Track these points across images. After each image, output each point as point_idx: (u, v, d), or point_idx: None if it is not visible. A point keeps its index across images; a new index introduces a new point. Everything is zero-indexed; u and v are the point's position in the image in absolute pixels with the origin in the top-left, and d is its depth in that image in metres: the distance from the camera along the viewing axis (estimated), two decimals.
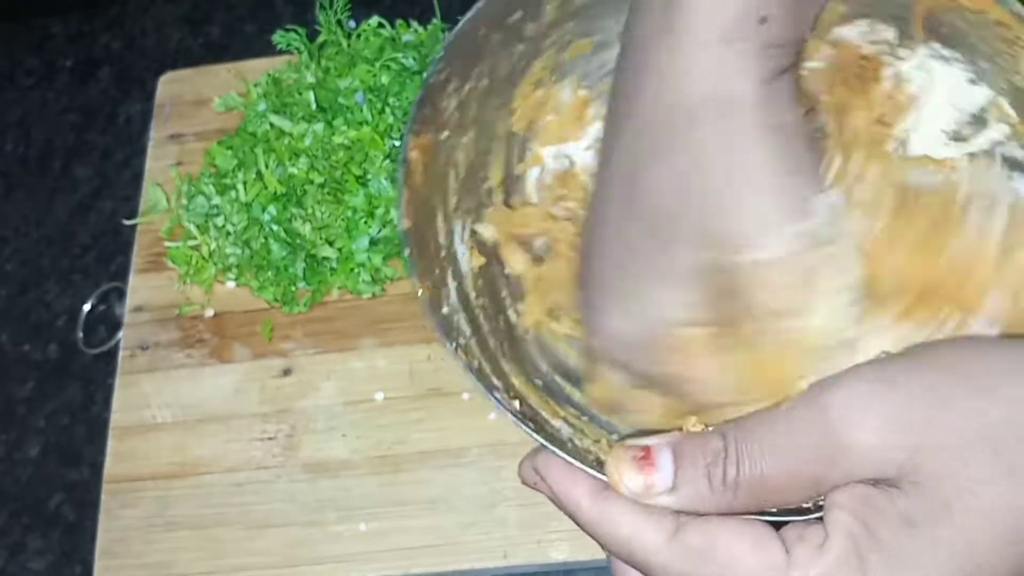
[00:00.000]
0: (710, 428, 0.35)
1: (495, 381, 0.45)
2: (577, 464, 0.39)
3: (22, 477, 0.72)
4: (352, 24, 0.82)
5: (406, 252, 0.45)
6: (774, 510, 0.33)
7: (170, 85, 0.80)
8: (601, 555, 0.60)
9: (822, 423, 0.31)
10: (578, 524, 0.36)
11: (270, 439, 0.66)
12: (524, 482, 0.40)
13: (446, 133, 0.48)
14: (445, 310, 0.47)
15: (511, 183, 0.52)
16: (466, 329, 0.48)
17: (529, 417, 0.46)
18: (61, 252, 0.80)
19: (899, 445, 0.30)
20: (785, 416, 0.31)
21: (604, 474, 0.35)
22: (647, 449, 0.33)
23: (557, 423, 0.47)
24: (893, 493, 0.30)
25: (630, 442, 0.34)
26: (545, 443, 0.41)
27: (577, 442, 0.47)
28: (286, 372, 0.68)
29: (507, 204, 0.51)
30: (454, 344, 0.44)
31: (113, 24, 0.91)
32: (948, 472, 0.29)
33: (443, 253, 0.49)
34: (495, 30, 0.48)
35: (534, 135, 0.52)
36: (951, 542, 0.29)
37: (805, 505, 0.33)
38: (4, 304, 0.79)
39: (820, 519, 0.32)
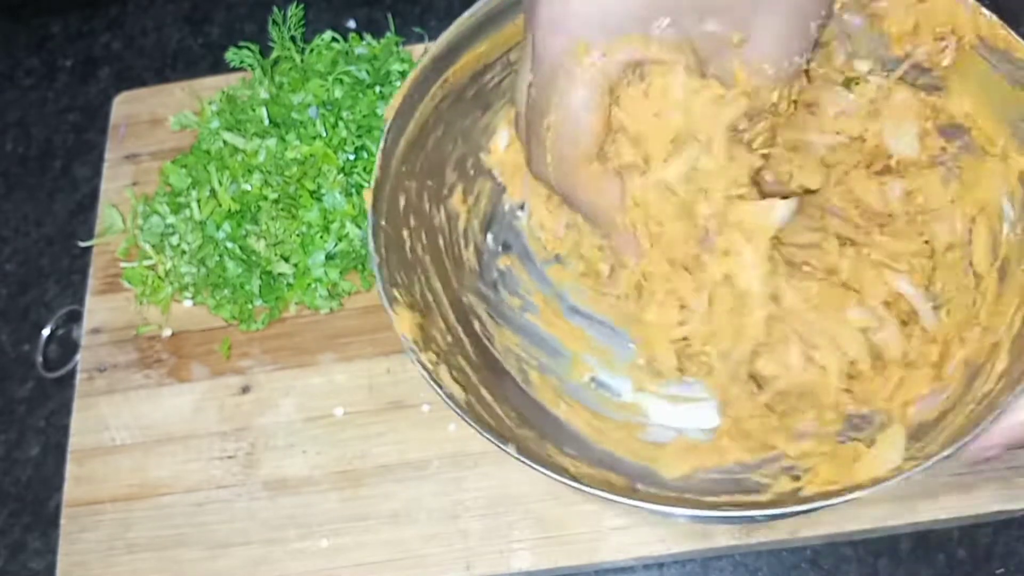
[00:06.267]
0: None
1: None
2: (553, 475, 0.45)
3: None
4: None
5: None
6: None
7: (125, 105, 0.80)
8: (563, 563, 0.60)
9: None
10: None
11: (230, 457, 0.66)
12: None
13: None
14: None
15: None
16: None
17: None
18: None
19: None
20: None
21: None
22: None
23: None
24: None
25: None
26: (520, 458, 0.46)
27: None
28: (245, 390, 0.68)
29: None
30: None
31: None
32: None
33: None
34: None
35: None
36: None
37: None
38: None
39: None
